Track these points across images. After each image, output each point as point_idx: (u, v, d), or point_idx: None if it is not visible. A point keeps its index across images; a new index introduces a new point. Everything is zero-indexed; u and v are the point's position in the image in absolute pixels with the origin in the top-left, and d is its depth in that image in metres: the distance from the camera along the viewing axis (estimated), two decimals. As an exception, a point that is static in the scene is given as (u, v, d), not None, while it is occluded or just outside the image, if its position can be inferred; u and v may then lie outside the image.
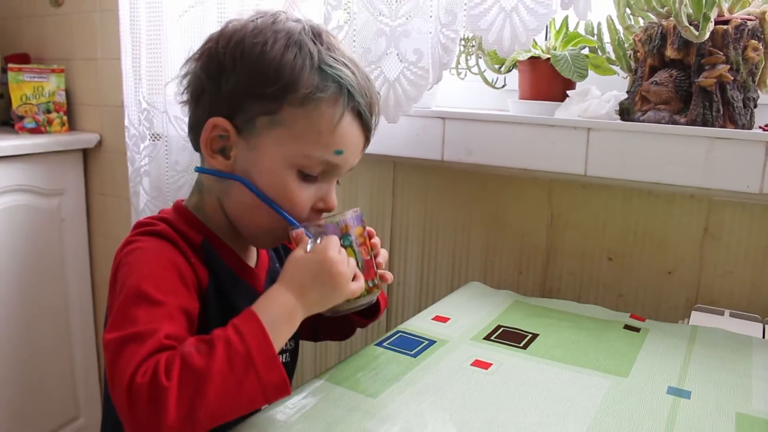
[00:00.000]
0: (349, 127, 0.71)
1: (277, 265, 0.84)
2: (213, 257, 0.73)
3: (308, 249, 0.66)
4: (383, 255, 0.78)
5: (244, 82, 0.69)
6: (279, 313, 0.62)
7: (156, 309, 0.60)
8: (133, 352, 0.55)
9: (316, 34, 0.71)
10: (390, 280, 0.77)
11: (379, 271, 0.74)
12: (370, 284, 0.71)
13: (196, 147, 0.74)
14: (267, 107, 0.69)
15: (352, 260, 0.68)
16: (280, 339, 0.61)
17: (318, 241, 0.67)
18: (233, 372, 0.55)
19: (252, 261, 0.81)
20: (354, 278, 0.68)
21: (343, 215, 0.70)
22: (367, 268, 0.71)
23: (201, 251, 0.72)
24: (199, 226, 0.74)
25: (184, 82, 0.74)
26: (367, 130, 0.74)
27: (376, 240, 0.78)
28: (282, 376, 0.58)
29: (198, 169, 0.76)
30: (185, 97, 0.75)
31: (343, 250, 0.67)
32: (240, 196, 0.72)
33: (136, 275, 0.63)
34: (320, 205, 0.74)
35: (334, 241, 0.67)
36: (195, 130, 0.74)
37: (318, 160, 0.70)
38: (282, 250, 0.87)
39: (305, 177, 0.71)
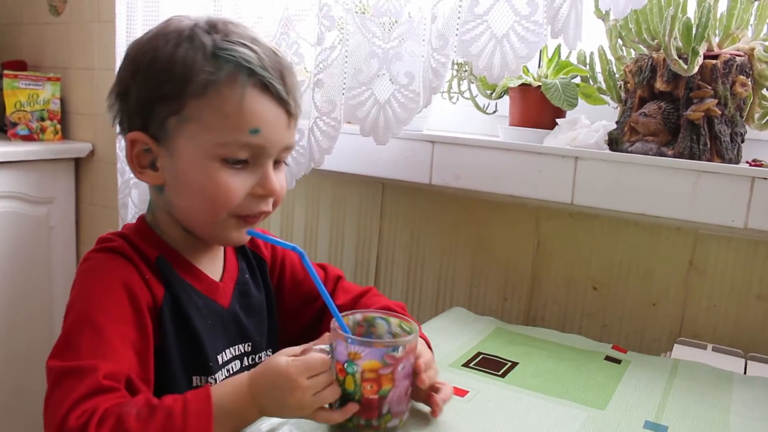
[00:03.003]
0: (258, 103, 0.69)
1: (247, 275, 0.83)
2: (168, 273, 0.72)
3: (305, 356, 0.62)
4: (444, 392, 0.68)
5: (145, 89, 0.70)
6: (233, 403, 0.60)
7: (100, 339, 0.62)
8: (70, 388, 0.57)
9: (212, 26, 0.71)
10: (437, 415, 0.67)
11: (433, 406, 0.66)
12: (362, 422, 0.61)
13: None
14: (171, 107, 0.69)
15: (333, 389, 0.60)
16: (226, 428, 0.60)
17: (328, 347, 0.62)
18: None
19: (216, 274, 0.79)
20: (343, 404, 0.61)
21: (367, 343, 0.60)
22: (368, 406, 0.60)
23: (156, 267, 0.72)
24: (156, 241, 0.75)
25: (110, 115, 0.75)
26: (283, 103, 0.71)
27: (427, 375, 0.66)
28: None
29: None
30: (117, 129, 0.76)
31: (324, 375, 0.60)
32: (180, 203, 0.73)
33: (85, 299, 0.66)
34: (258, 191, 0.71)
35: (313, 363, 0.60)
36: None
37: (236, 144, 0.69)
38: (254, 260, 0.85)
39: (233, 164, 0.70)
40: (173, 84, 0.68)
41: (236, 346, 0.77)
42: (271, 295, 0.85)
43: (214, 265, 0.79)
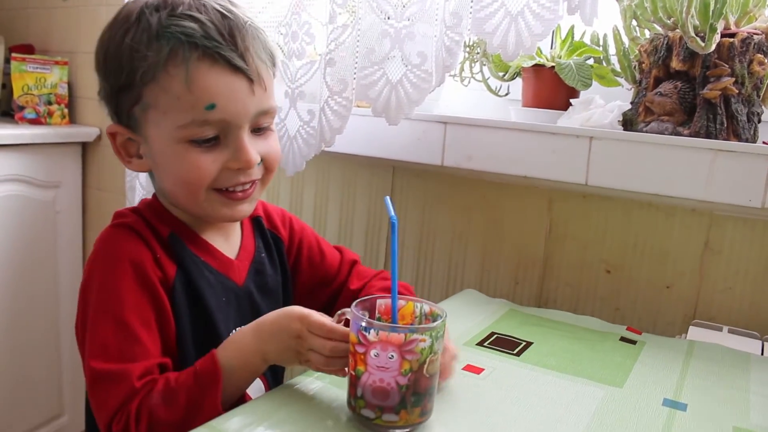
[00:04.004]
0: (207, 76, 0.66)
1: (263, 255, 0.82)
2: (181, 250, 0.72)
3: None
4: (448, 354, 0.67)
5: (107, 82, 0.71)
6: (237, 359, 0.64)
7: (126, 336, 0.65)
8: (108, 393, 0.62)
9: (161, 3, 0.68)
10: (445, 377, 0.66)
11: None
12: (348, 395, 0.60)
13: None
14: (131, 96, 0.68)
15: (330, 344, 0.61)
16: (237, 382, 0.65)
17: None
18: (188, 418, 0.61)
19: (232, 252, 0.79)
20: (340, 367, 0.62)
21: (355, 316, 0.58)
22: (350, 381, 0.59)
23: (169, 244, 0.72)
24: (168, 218, 0.74)
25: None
26: (238, 69, 0.67)
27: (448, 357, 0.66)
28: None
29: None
30: None
31: (331, 341, 0.61)
32: (166, 186, 0.73)
33: (104, 290, 0.67)
34: (233, 164, 0.70)
35: (324, 324, 0.62)
36: None
37: (195, 124, 0.67)
38: (271, 239, 0.85)
39: (202, 143, 0.68)
40: (126, 73, 0.67)
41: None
42: (288, 275, 0.85)
43: (228, 243, 0.79)
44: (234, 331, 0.74)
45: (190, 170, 0.68)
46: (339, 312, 0.63)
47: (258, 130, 0.72)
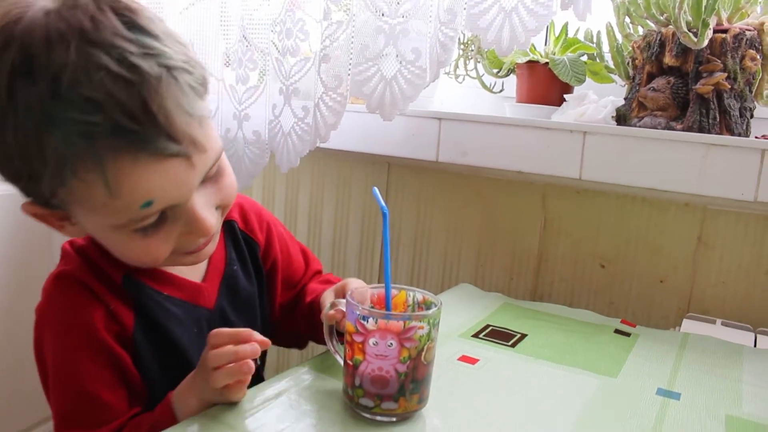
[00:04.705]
0: (134, 174, 0.52)
1: (236, 267, 0.75)
2: (138, 292, 0.65)
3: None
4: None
5: (2, 173, 0.56)
6: (182, 399, 0.60)
7: (93, 404, 0.61)
8: None
9: (27, 60, 0.49)
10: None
11: None
12: (344, 385, 0.60)
13: None
14: (39, 189, 0.54)
15: (232, 367, 0.56)
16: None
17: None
18: None
19: (199, 274, 0.72)
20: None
21: (351, 305, 0.57)
22: (347, 370, 0.59)
23: (123, 289, 0.64)
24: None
25: None
26: (169, 153, 0.53)
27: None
28: None
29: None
30: None
31: (227, 348, 0.57)
32: (118, 251, 0.62)
33: (60, 361, 0.63)
34: (191, 237, 0.61)
35: (219, 333, 0.59)
36: None
37: (134, 221, 0.56)
38: (245, 246, 0.77)
39: (148, 228, 0.58)
40: (27, 173, 0.53)
41: None
42: (263, 281, 0.80)
43: (195, 267, 0.72)
44: None
45: (140, 255, 0.60)
46: (331, 302, 0.63)
47: (207, 179, 0.61)
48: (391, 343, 0.55)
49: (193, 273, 0.71)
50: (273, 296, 0.82)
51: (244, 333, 0.58)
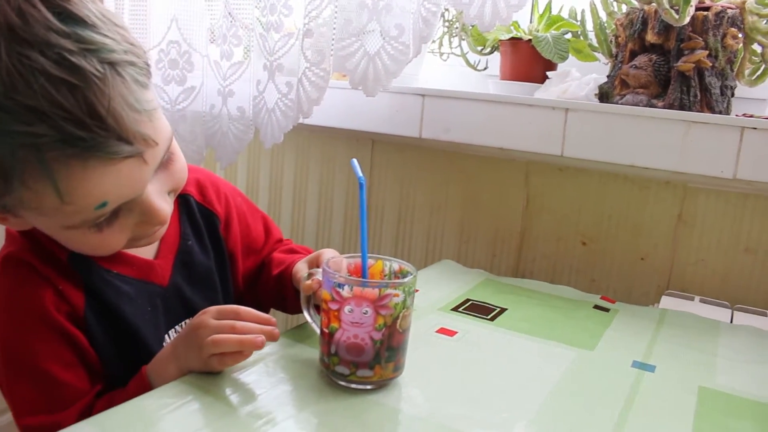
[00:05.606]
0: (85, 179, 0.51)
1: (190, 242, 0.73)
2: (86, 270, 0.62)
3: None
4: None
5: None
6: (157, 369, 0.60)
7: (53, 385, 0.60)
8: None
9: None
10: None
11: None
12: (320, 354, 0.60)
13: None
14: None
15: (231, 338, 0.57)
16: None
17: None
18: None
19: (151, 251, 0.70)
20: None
21: (327, 273, 0.58)
22: (323, 339, 0.59)
23: (70, 269, 0.62)
24: None
25: None
26: (120, 157, 0.51)
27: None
28: None
29: None
30: None
31: (230, 321, 0.58)
32: (72, 246, 0.61)
33: (12, 346, 0.61)
34: (146, 227, 0.61)
35: (226, 307, 0.60)
36: None
37: (88, 222, 0.55)
38: (202, 219, 0.75)
39: (102, 222, 0.57)
40: None
41: (182, 323, 0.71)
42: (224, 254, 0.77)
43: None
44: (170, 336, 0.69)
45: (95, 248, 0.59)
46: (308, 272, 0.63)
47: (161, 165, 0.60)
48: (366, 311, 0.55)
49: (144, 250, 0.69)
50: (236, 269, 0.79)
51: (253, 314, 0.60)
